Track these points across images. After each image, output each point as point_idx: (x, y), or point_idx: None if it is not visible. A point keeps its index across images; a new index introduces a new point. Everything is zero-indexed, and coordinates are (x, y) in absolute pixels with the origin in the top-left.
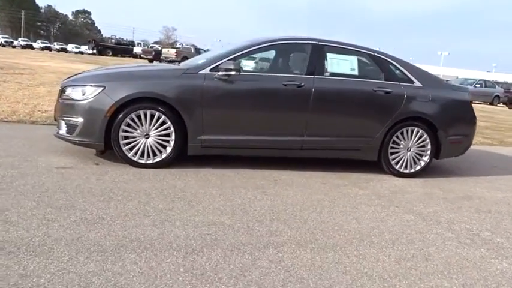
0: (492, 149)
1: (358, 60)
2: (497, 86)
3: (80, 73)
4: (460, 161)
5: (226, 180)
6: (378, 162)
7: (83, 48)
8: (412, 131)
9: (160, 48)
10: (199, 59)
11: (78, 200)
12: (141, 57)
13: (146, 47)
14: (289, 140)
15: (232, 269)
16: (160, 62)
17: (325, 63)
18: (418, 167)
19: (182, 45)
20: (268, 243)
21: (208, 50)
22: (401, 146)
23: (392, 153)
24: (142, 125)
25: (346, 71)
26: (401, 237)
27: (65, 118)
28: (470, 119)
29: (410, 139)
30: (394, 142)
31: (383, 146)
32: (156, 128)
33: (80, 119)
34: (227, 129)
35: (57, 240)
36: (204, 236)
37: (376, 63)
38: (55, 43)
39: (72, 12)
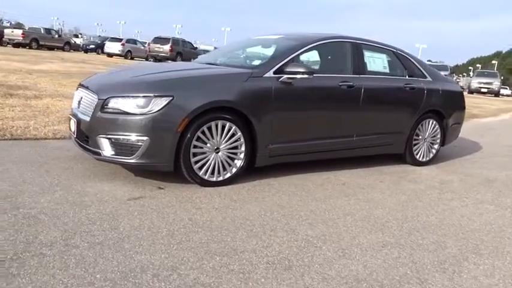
0: None
1: (386, 57)
2: None
3: (98, 75)
4: None
5: (310, 190)
6: (402, 154)
7: None
8: (429, 123)
9: None
10: (227, 57)
11: (225, 239)
12: None
13: None
14: (344, 140)
15: None
16: (2, 44)
17: (365, 62)
18: (431, 155)
19: (10, 24)
20: (455, 257)
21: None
22: (420, 137)
23: (414, 145)
24: (212, 138)
25: (380, 69)
26: None
27: (110, 136)
28: (463, 108)
29: (427, 130)
30: (416, 134)
31: (409, 139)
32: (227, 141)
33: (142, 137)
34: (294, 135)
35: None
36: (408, 264)
37: (399, 60)
38: None
39: None
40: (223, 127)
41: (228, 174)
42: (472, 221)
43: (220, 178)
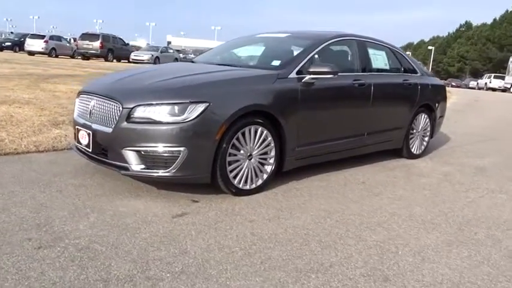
0: None
1: (385, 54)
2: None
3: (105, 80)
4: None
5: (339, 191)
6: (399, 149)
7: None
8: (421, 117)
9: None
10: (235, 57)
11: (304, 253)
12: None
13: None
14: (357, 139)
15: None
16: None
17: (370, 59)
18: (423, 148)
19: None
20: None
21: None
22: (415, 131)
23: (410, 139)
24: (246, 145)
25: (382, 66)
26: None
27: (139, 149)
28: (445, 100)
29: (420, 124)
30: (411, 128)
31: (407, 133)
32: (259, 146)
33: (178, 148)
34: (317, 136)
35: None
36: (484, 262)
37: (396, 56)
38: None
39: None
40: (255, 132)
41: (260, 181)
42: (501, 212)
43: (253, 186)
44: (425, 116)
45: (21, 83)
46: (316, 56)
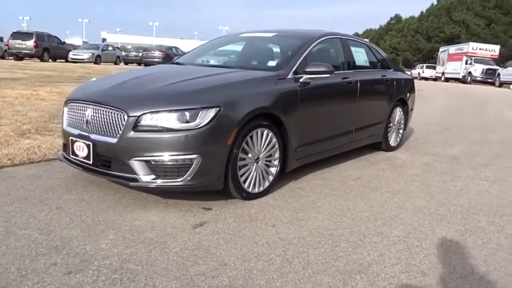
0: None
1: (364, 51)
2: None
3: (99, 85)
4: None
5: (340, 188)
6: (379, 143)
7: None
8: (397, 110)
9: None
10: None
11: (339, 255)
12: None
13: None
14: (347, 136)
15: None
16: None
17: (353, 56)
18: (398, 140)
19: None
20: None
21: None
22: (391, 124)
23: (388, 132)
24: (254, 148)
25: (363, 62)
26: None
27: (149, 158)
28: (414, 94)
29: (396, 117)
30: (389, 122)
31: (386, 127)
32: (265, 148)
33: (191, 156)
34: (314, 135)
35: None
36: (498, 249)
37: (373, 53)
38: None
39: None
40: (261, 135)
41: (267, 183)
42: (490, 198)
43: (261, 189)
44: (400, 109)
45: None
46: (309, 55)
